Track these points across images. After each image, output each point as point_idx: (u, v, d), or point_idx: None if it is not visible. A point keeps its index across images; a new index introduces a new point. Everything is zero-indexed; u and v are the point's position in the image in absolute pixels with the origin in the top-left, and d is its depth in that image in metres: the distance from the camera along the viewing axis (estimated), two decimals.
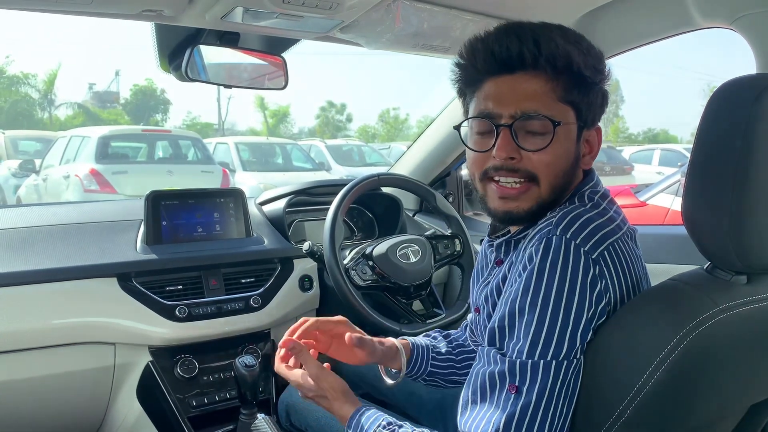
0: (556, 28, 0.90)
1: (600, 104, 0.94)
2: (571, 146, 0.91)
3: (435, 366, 1.21)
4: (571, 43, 0.88)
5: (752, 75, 0.77)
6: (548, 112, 0.88)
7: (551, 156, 0.89)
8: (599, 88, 0.92)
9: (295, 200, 1.90)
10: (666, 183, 4.28)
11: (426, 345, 1.22)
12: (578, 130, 0.92)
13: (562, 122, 0.88)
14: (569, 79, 0.88)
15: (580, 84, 0.89)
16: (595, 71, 0.90)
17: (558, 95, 0.89)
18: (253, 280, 1.68)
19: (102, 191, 7.37)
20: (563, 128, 0.89)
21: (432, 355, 1.22)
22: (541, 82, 0.88)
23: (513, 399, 0.79)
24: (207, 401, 1.57)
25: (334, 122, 36.16)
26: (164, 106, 32.28)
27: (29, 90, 26.61)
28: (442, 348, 1.24)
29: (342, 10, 1.27)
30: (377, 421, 0.93)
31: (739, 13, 1.26)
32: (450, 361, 1.23)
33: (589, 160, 0.96)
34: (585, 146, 0.95)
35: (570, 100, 0.89)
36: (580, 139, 0.93)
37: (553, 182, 0.90)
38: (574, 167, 0.93)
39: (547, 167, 0.89)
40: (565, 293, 0.80)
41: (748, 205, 0.73)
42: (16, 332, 1.36)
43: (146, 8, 1.22)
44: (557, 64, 0.87)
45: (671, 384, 0.74)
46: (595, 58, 0.90)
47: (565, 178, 0.92)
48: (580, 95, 0.90)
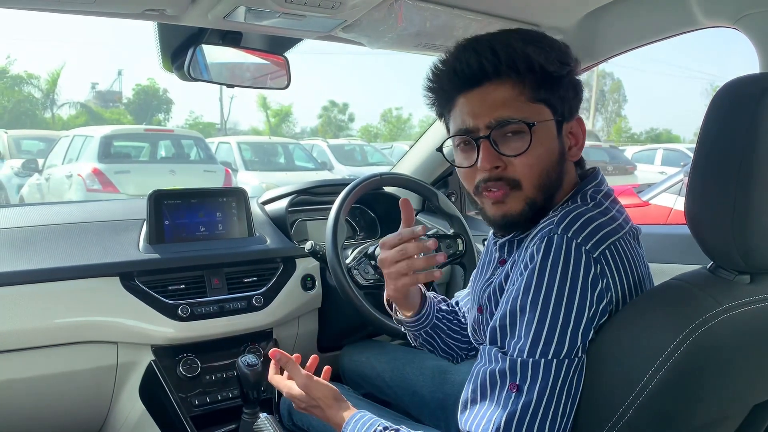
0: (514, 32, 0.92)
1: (573, 95, 0.94)
2: (552, 143, 0.92)
3: (438, 320, 1.24)
4: (529, 43, 0.89)
5: (755, 74, 0.76)
6: (521, 114, 0.89)
7: (533, 158, 0.90)
8: (568, 79, 0.93)
9: (297, 200, 1.90)
10: (669, 183, 4.27)
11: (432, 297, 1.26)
12: (558, 125, 0.92)
13: (537, 121, 0.89)
14: (535, 78, 0.90)
15: (546, 81, 0.90)
16: (559, 65, 0.90)
17: (527, 96, 0.90)
18: (256, 280, 1.68)
19: (104, 191, 7.38)
20: (540, 127, 0.90)
21: (436, 308, 1.25)
22: (508, 88, 0.90)
23: (514, 397, 0.79)
24: (209, 400, 1.58)
25: (336, 122, 36.19)
26: (167, 106, 32.34)
27: (32, 89, 26.69)
28: (443, 306, 1.28)
29: (344, 9, 1.27)
30: (373, 426, 0.93)
31: (742, 13, 1.25)
32: (447, 321, 1.26)
33: (576, 152, 0.96)
34: (569, 139, 0.95)
35: (541, 98, 0.91)
36: (561, 133, 0.93)
37: (537, 182, 0.91)
38: (560, 163, 0.93)
39: (530, 169, 0.91)
40: (566, 292, 0.80)
41: (751, 204, 0.73)
42: (19, 331, 1.37)
43: (149, 8, 1.22)
44: (519, 68, 0.89)
45: (674, 384, 0.74)
46: (558, 51, 0.91)
47: (552, 175, 0.92)
48: (549, 92, 0.91)
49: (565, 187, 0.95)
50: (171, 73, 1.59)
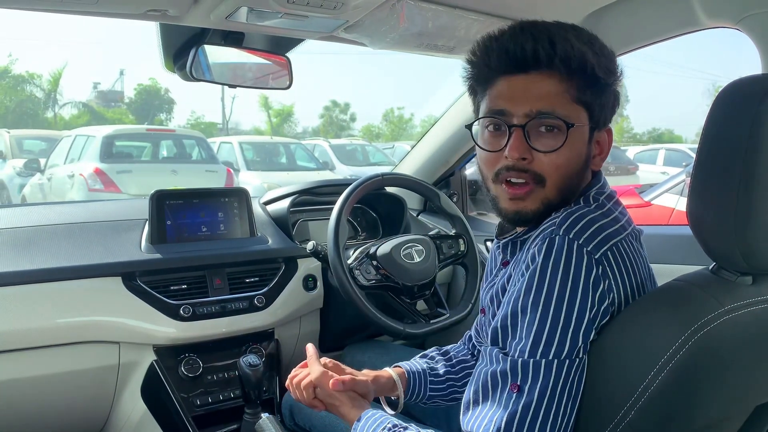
0: (571, 28, 0.89)
1: (612, 105, 0.93)
2: (582, 148, 0.91)
3: (434, 390, 1.20)
4: (585, 43, 0.87)
5: (758, 75, 0.76)
6: (562, 112, 0.87)
7: (563, 158, 0.88)
8: (612, 89, 0.92)
9: (299, 200, 1.90)
10: (671, 183, 4.26)
11: (423, 370, 1.21)
12: (590, 131, 0.91)
13: (576, 124, 0.88)
14: (583, 79, 0.88)
15: (593, 85, 0.88)
16: (608, 72, 0.89)
17: (572, 96, 0.88)
18: (257, 280, 1.68)
19: (106, 190, 7.39)
20: (576, 130, 0.88)
21: (430, 380, 1.20)
22: (555, 82, 0.87)
23: (515, 398, 0.79)
24: (211, 400, 1.58)
25: (338, 122, 36.17)
26: (168, 106, 32.35)
27: (34, 89, 26.71)
28: (441, 369, 1.23)
29: (346, 9, 1.27)
30: (383, 424, 0.93)
31: (745, 13, 1.25)
32: (450, 381, 1.22)
33: (599, 162, 0.95)
34: (596, 147, 0.94)
35: (584, 101, 0.89)
36: (592, 140, 0.93)
37: (560, 184, 0.90)
38: (584, 169, 0.93)
39: (557, 169, 0.89)
40: (567, 292, 0.80)
41: (753, 205, 0.73)
42: (21, 331, 1.37)
43: (151, 8, 1.22)
44: (572, 65, 0.86)
45: (676, 384, 0.74)
46: (608, 58, 0.90)
47: (573, 180, 0.91)
48: (593, 96, 0.89)
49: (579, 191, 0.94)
50: (173, 74, 1.60)
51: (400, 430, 0.91)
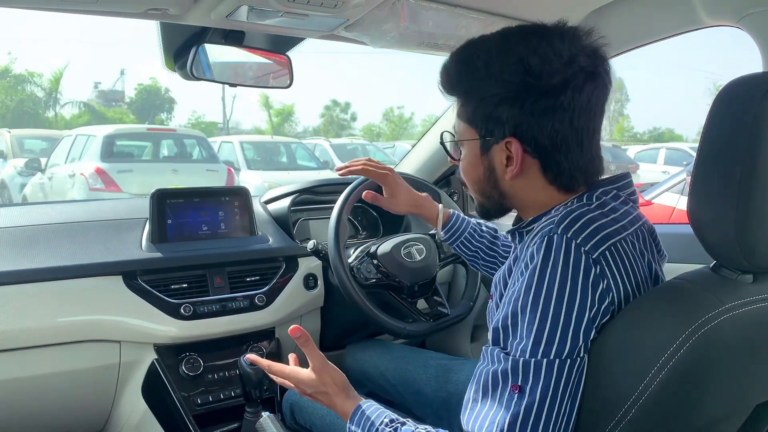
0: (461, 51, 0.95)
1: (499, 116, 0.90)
2: (474, 160, 0.97)
3: (466, 240, 1.44)
4: (462, 63, 0.93)
5: (759, 73, 0.76)
6: (456, 129, 0.99)
7: (462, 166, 1.00)
8: (491, 100, 0.89)
9: (299, 199, 1.90)
10: (671, 182, 4.27)
11: (468, 220, 1.46)
12: (483, 144, 0.94)
13: (459, 140, 0.98)
14: (462, 101, 0.95)
15: (470, 104, 0.94)
16: (478, 89, 0.91)
17: (459, 114, 0.97)
18: (258, 279, 1.68)
19: (107, 190, 7.40)
20: (465, 144, 0.97)
21: (471, 228, 1.44)
22: (456, 104, 0.98)
23: (516, 399, 0.79)
24: (212, 399, 1.58)
25: (338, 121, 36.18)
26: (169, 105, 32.39)
27: (35, 89, 26.74)
28: (484, 231, 1.45)
29: (347, 8, 1.27)
30: (380, 417, 0.93)
31: (745, 12, 1.25)
32: (481, 244, 1.43)
33: (509, 172, 0.92)
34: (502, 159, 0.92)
35: (466, 119, 0.95)
36: (488, 152, 0.94)
37: (473, 188, 1.00)
38: (490, 179, 0.96)
39: (463, 175, 1.01)
40: (566, 292, 0.80)
41: (754, 204, 0.73)
42: (22, 330, 1.37)
43: (151, 7, 1.22)
44: (444, 89, 0.97)
45: (676, 383, 0.74)
46: (482, 73, 0.90)
47: (484, 188, 0.98)
48: (472, 113, 0.94)
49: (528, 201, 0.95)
50: (174, 73, 1.60)
51: (397, 426, 0.90)
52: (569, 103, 0.86)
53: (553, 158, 0.90)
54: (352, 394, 1.02)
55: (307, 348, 1.03)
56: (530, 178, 0.93)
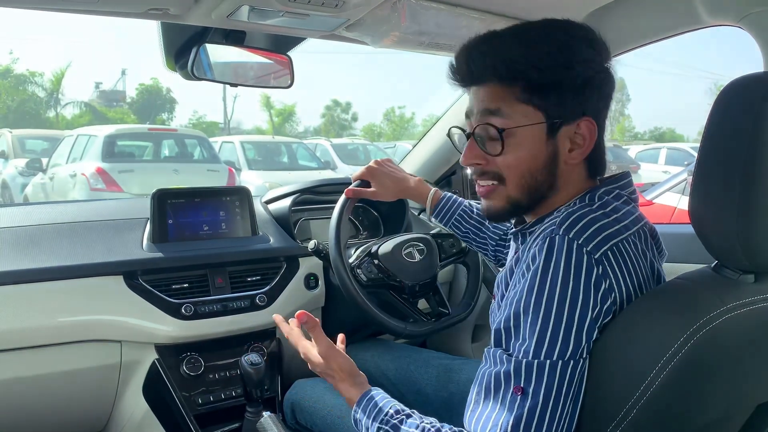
0: (511, 35, 0.92)
1: (579, 97, 0.90)
2: (537, 146, 0.91)
3: (457, 221, 1.48)
4: (521, 45, 0.89)
5: (759, 73, 0.76)
6: (506, 113, 0.90)
7: (513, 158, 0.92)
8: (569, 83, 0.89)
9: (300, 199, 1.90)
10: (672, 182, 4.26)
11: (460, 201, 1.48)
12: (550, 128, 0.90)
13: (515, 126, 0.90)
14: (524, 84, 0.89)
15: (538, 87, 0.89)
16: (553, 71, 0.88)
17: (516, 97, 0.90)
18: (259, 279, 1.68)
19: (108, 190, 7.41)
20: (520, 131, 0.90)
21: (463, 208, 1.47)
22: (498, 89, 0.91)
23: (519, 401, 0.79)
24: (213, 399, 1.58)
25: (339, 121, 36.19)
26: (170, 105, 32.40)
27: (36, 89, 26.76)
28: (474, 213, 1.47)
29: (347, 8, 1.27)
30: (385, 408, 0.93)
31: (746, 11, 1.25)
32: (474, 223, 1.47)
33: (577, 155, 0.92)
34: (567, 142, 0.92)
35: (529, 101, 0.90)
36: (556, 136, 0.91)
37: (520, 182, 0.93)
38: (548, 166, 0.92)
39: (510, 168, 0.93)
40: (568, 293, 0.80)
41: (755, 203, 0.72)
42: (23, 330, 1.37)
43: (152, 7, 1.22)
44: (503, 75, 0.90)
45: (678, 383, 0.74)
46: (555, 54, 0.88)
47: (535, 178, 0.92)
48: (540, 97, 0.90)
49: (568, 189, 0.94)
50: (175, 73, 1.60)
51: (402, 417, 0.90)
52: (612, 91, 0.94)
53: (600, 142, 0.95)
54: (359, 381, 1.03)
55: (314, 333, 1.07)
56: (579, 164, 0.94)
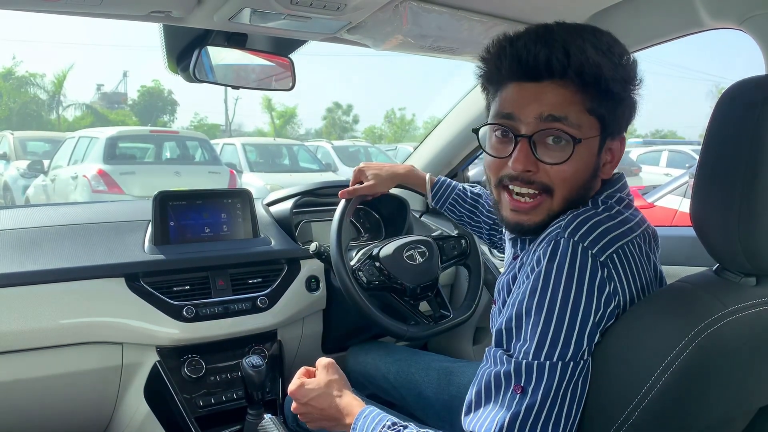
0: (590, 35, 0.86)
1: (628, 115, 0.91)
2: (591, 159, 0.89)
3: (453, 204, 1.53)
4: (603, 53, 0.84)
5: (761, 76, 0.76)
6: (574, 123, 0.86)
7: (570, 170, 0.87)
8: (629, 100, 0.89)
9: (302, 201, 1.90)
10: (674, 185, 4.26)
11: (454, 184, 1.53)
12: (601, 140, 0.89)
13: (585, 137, 0.86)
14: (597, 91, 0.85)
15: (607, 97, 0.86)
16: (624, 84, 0.87)
17: (586, 106, 0.86)
18: (260, 281, 1.68)
19: (110, 192, 7.41)
20: (586, 142, 0.87)
21: (458, 192, 1.52)
22: (568, 93, 0.86)
23: (518, 399, 0.79)
24: (214, 401, 1.58)
25: (340, 123, 36.19)
26: (171, 107, 32.47)
27: (38, 91, 26.80)
28: (468, 195, 1.53)
29: (349, 11, 1.27)
30: (382, 422, 0.92)
31: (748, 14, 1.25)
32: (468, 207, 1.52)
33: (609, 169, 0.93)
34: (607, 155, 0.92)
35: (597, 113, 0.87)
36: (603, 149, 0.91)
37: (568, 195, 0.89)
38: (592, 178, 0.91)
39: (564, 181, 0.88)
40: (572, 295, 0.79)
41: (757, 206, 0.72)
42: (24, 332, 1.37)
43: (154, 9, 1.22)
44: (586, 77, 0.84)
45: (679, 386, 0.73)
46: (626, 68, 0.87)
47: (580, 190, 0.90)
48: (607, 108, 0.87)
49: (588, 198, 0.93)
50: (176, 75, 1.60)
51: (399, 429, 0.90)
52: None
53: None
54: (355, 397, 1.02)
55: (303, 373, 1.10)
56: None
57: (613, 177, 0.96)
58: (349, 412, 0.99)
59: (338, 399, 1.02)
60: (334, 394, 1.03)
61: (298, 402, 1.06)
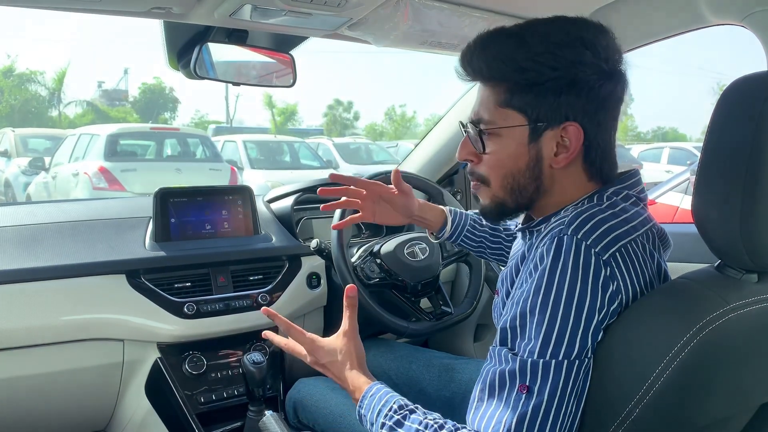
0: (509, 34, 0.91)
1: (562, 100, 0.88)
2: (518, 149, 0.91)
3: (468, 234, 1.42)
4: (513, 46, 0.89)
5: (762, 72, 0.76)
6: (489, 118, 0.93)
7: (494, 159, 0.94)
8: (551, 85, 0.88)
9: (302, 198, 1.90)
10: (675, 181, 4.26)
11: (465, 213, 1.43)
12: (533, 131, 0.90)
13: (488, 129, 0.93)
14: (508, 85, 0.90)
15: (520, 87, 0.89)
16: (537, 73, 0.87)
17: (497, 100, 0.91)
18: (261, 278, 1.68)
19: (111, 189, 7.42)
20: (504, 132, 0.92)
21: (472, 219, 1.43)
22: (487, 90, 0.93)
23: (524, 399, 0.79)
24: (215, 398, 1.58)
25: (341, 120, 36.18)
26: (172, 104, 32.48)
27: (39, 88, 26.80)
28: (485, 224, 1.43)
29: (350, 7, 1.27)
30: (389, 403, 0.91)
31: (750, 10, 1.25)
32: (484, 235, 1.43)
33: (562, 159, 0.91)
34: (552, 146, 0.90)
35: (512, 104, 0.90)
36: (538, 140, 0.90)
37: (503, 183, 0.94)
38: (533, 169, 0.92)
39: (492, 170, 0.95)
40: (576, 293, 0.80)
41: (758, 202, 0.72)
42: (26, 328, 1.37)
43: (155, 6, 1.22)
44: (486, 75, 0.92)
45: (680, 383, 0.73)
46: (542, 58, 0.87)
47: (518, 179, 0.93)
48: (522, 98, 0.89)
49: (564, 191, 0.93)
50: (177, 72, 1.60)
51: (406, 413, 0.89)
52: (621, 92, 0.91)
53: (597, 146, 0.92)
54: (366, 373, 1.00)
55: (349, 312, 1.04)
56: (571, 167, 0.92)
57: (628, 173, 0.96)
58: (356, 387, 0.98)
59: (348, 372, 1.00)
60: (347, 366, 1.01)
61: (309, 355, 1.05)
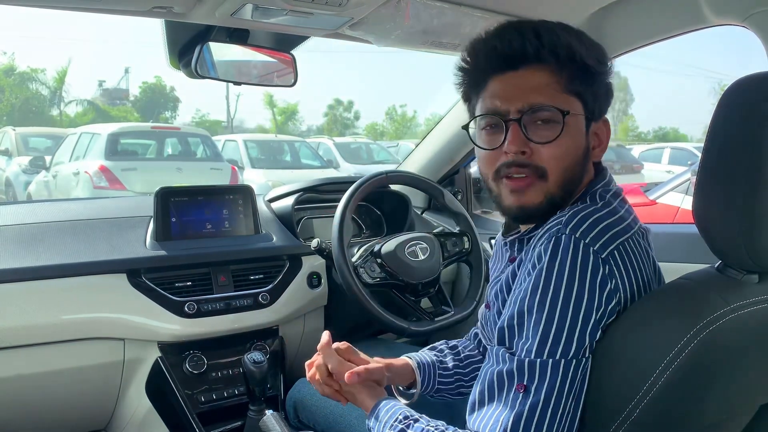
0: (556, 23, 0.91)
1: (605, 96, 0.94)
2: (580, 138, 0.91)
3: (442, 383, 1.20)
4: (572, 35, 0.90)
5: (764, 72, 0.76)
6: (554, 103, 0.88)
7: (561, 148, 0.89)
8: (603, 79, 0.93)
9: (303, 197, 1.90)
10: (676, 182, 4.26)
11: (432, 362, 1.20)
12: (586, 121, 0.92)
13: (571, 111, 0.89)
14: (573, 70, 0.89)
15: (584, 75, 0.90)
16: (598, 62, 0.91)
17: (563, 86, 0.89)
18: (262, 277, 1.68)
19: (111, 188, 7.42)
20: (572, 119, 0.89)
21: (438, 372, 1.20)
22: (546, 75, 0.89)
23: (521, 398, 0.79)
24: (215, 397, 1.58)
25: (342, 120, 36.17)
26: (173, 104, 32.45)
27: (40, 87, 26.80)
28: (449, 363, 1.22)
29: (351, 7, 1.27)
30: (395, 414, 0.93)
31: (751, 11, 1.25)
32: (458, 375, 1.22)
33: (598, 153, 0.96)
34: (594, 139, 0.95)
35: (575, 91, 0.90)
36: (589, 131, 0.93)
37: (562, 176, 0.90)
38: (584, 160, 0.93)
39: (556, 160, 0.89)
40: (574, 292, 0.80)
41: (759, 203, 0.72)
42: (26, 327, 1.37)
43: (156, 5, 1.22)
44: (560, 55, 0.88)
45: (680, 383, 0.73)
46: (597, 50, 0.92)
47: (574, 172, 0.91)
48: (584, 86, 0.90)
49: (581, 184, 0.95)
50: (178, 71, 1.60)
51: (411, 422, 0.91)
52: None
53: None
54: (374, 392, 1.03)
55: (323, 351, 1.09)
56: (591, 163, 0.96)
57: (600, 170, 0.98)
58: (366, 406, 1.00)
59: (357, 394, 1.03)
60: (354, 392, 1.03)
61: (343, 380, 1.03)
